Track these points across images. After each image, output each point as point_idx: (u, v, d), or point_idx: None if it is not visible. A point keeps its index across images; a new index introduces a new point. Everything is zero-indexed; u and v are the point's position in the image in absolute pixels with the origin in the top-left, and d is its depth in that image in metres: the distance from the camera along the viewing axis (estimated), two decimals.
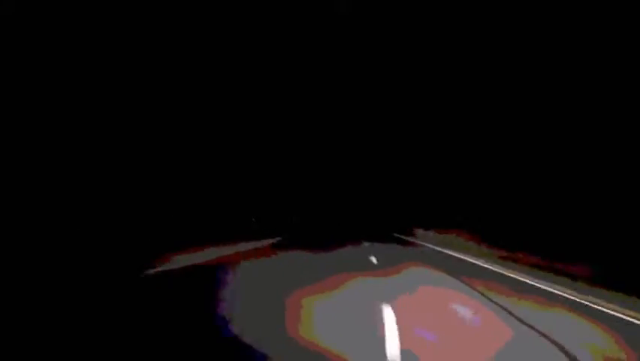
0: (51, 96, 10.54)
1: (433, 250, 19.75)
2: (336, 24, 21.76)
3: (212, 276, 7.74)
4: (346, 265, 10.68)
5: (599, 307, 7.23)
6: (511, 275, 10.76)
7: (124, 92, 13.79)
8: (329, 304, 5.86)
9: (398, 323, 4.98)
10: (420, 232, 31.20)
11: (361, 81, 34.41)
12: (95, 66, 11.84)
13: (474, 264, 13.84)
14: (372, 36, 25.44)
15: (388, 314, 5.38)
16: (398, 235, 33.90)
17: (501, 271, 11.58)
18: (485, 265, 13.17)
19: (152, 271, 7.69)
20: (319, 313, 5.30)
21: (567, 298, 7.75)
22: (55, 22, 9.99)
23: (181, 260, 9.04)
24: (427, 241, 26.90)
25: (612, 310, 6.87)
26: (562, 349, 4.45)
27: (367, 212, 52.03)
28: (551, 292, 8.43)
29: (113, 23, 12.01)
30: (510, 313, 6.08)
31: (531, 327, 5.27)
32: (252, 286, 7.15)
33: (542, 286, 8.97)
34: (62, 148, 10.99)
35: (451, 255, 16.97)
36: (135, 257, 8.93)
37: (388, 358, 3.78)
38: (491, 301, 6.92)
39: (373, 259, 12.48)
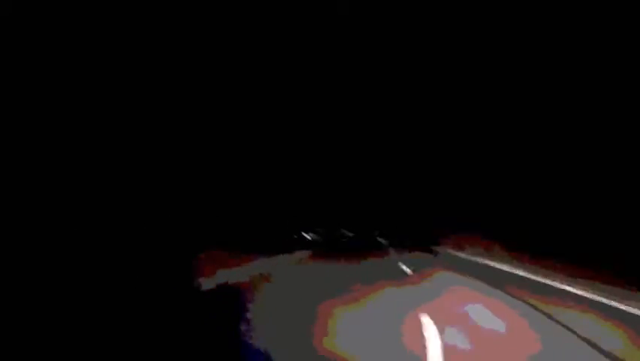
0: (71, 98, 10.35)
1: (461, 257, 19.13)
2: (336, 24, 21.54)
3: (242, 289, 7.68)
4: (376, 275, 10.51)
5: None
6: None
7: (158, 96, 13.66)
8: (359, 316, 5.75)
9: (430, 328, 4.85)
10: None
11: (380, 79, 33.72)
12: (102, 67, 11.69)
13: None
14: (372, 36, 25.05)
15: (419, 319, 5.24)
16: (428, 244, 33.13)
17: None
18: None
19: (211, 285, 7.53)
20: (347, 324, 5.19)
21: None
22: (54, 21, 10.02)
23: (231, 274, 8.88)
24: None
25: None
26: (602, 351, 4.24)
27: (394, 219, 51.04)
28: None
29: (112, 23, 12.03)
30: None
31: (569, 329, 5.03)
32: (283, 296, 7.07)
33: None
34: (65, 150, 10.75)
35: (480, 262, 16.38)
36: (179, 269, 8.80)
37: None
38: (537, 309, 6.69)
39: (404, 268, 12.29)
